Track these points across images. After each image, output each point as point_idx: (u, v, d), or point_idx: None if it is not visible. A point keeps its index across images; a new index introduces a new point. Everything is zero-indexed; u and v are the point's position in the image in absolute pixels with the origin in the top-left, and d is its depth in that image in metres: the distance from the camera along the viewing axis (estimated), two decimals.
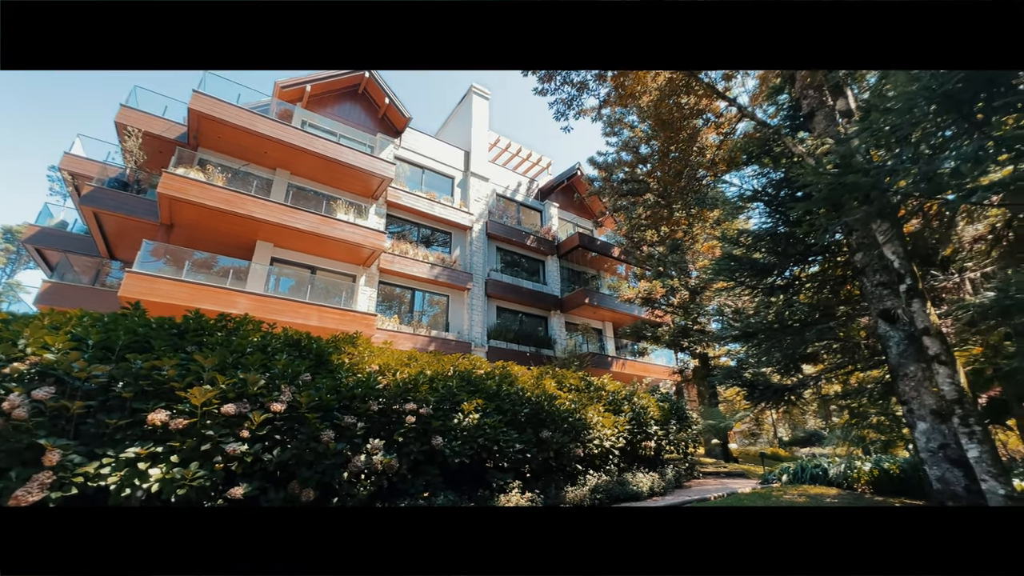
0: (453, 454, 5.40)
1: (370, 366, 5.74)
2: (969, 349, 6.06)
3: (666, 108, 8.46)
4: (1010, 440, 10.89)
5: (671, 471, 8.52)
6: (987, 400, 7.36)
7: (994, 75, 3.73)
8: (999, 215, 5.91)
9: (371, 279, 14.62)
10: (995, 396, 7.40)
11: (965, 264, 5.58)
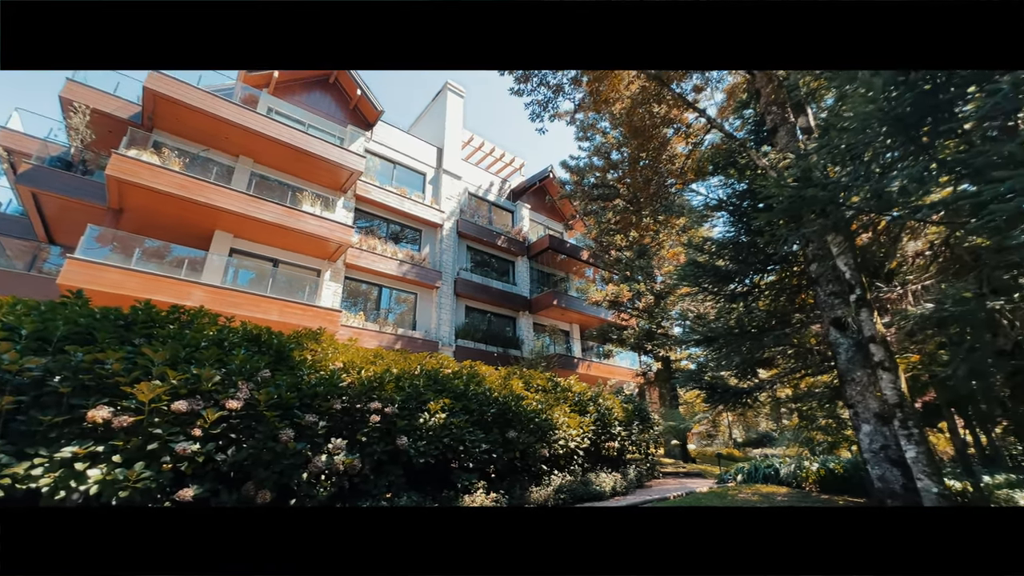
0: (418, 454, 5.31)
1: (334, 363, 5.58)
2: (909, 357, 6.50)
3: (638, 116, 8.65)
4: (939, 442, 11.75)
5: (633, 471, 8.70)
6: (922, 405, 7.92)
7: (939, 101, 4.01)
8: (938, 232, 6.37)
9: (337, 274, 14.23)
10: (929, 401, 7.98)
11: (907, 277, 5.97)
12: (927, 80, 3.99)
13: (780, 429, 25.55)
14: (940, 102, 4.09)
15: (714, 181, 7.64)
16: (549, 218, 23.51)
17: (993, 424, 9.24)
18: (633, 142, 10.62)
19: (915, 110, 3.71)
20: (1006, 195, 3.02)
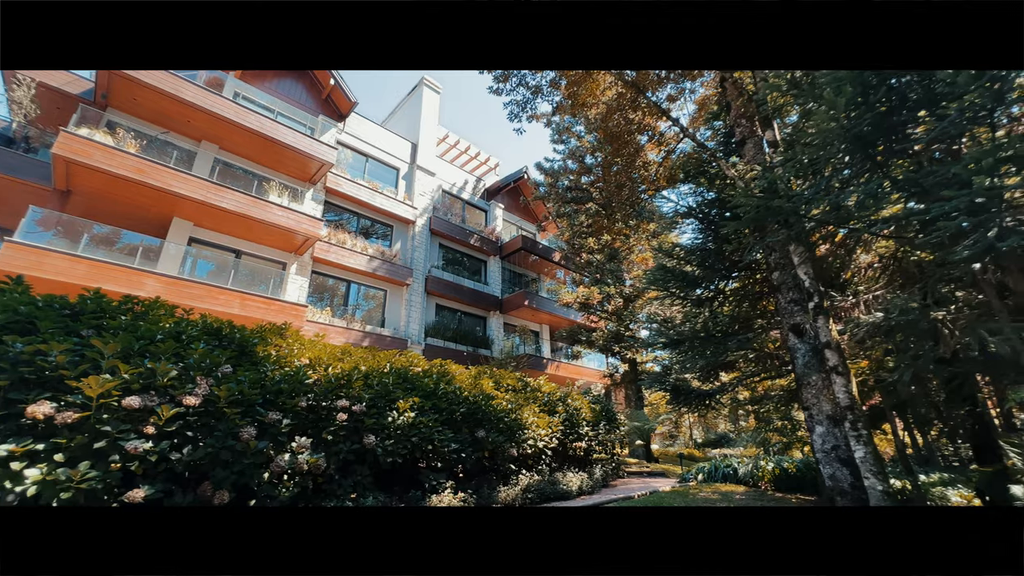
0: (386, 453, 5.22)
1: (300, 360, 5.41)
2: (859, 363, 6.89)
3: (614, 121, 8.80)
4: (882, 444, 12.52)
5: (599, 470, 8.84)
6: (868, 408, 8.41)
7: (893, 122, 4.27)
8: (887, 246, 6.79)
9: (303, 268, 13.80)
10: (874, 404, 8.48)
11: (859, 288, 6.33)
12: (883, 102, 4.24)
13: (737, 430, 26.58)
14: (894, 123, 4.36)
15: (684, 189, 7.87)
16: (522, 219, 23.58)
17: (929, 427, 9.93)
18: (608, 147, 10.81)
19: (873, 129, 3.94)
20: (951, 214, 3.25)
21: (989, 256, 3.34)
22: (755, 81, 6.38)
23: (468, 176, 21.66)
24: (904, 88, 4.26)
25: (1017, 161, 3.09)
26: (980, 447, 7.59)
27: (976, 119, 3.72)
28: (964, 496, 7.52)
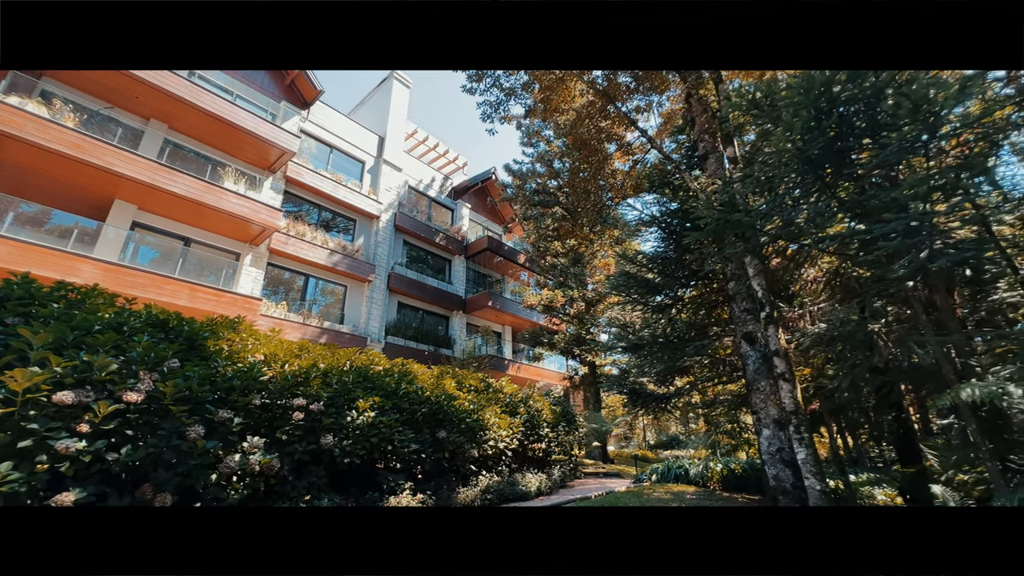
0: (343, 454, 5.07)
1: (254, 355, 5.17)
2: (802, 370, 7.35)
3: (584, 127, 8.97)
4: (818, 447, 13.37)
5: (558, 471, 8.96)
6: (808, 413, 8.98)
7: (840, 147, 4.60)
8: (830, 262, 7.29)
9: (259, 259, 13.19)
10: (813, 409, 9.07)
11: (805, 300, 6.76)
12: (833, 128, 4.56)
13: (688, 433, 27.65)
14: (841, 148, 4.69)
15: (649, 198, 8.13)
16: (489, 219, 23.57)
17: (858, 431, 10.72)
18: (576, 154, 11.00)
19: (823, 152, 4.23)
20: (890, 235, 3.53)
21: (921, 275, 3.66)
22: (719, 99, 6.70)
23: (436, 174, 21.42)
24: (851, 116, 4.59)
25: (946, 189, 3.40)
26: (903, 450, 8.26)
27: (913, 149, 4.07)
28: (888, 495, 8.17)
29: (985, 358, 5.03)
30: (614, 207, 12.85)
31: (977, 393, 3.29)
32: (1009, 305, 6.05)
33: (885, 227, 3.46)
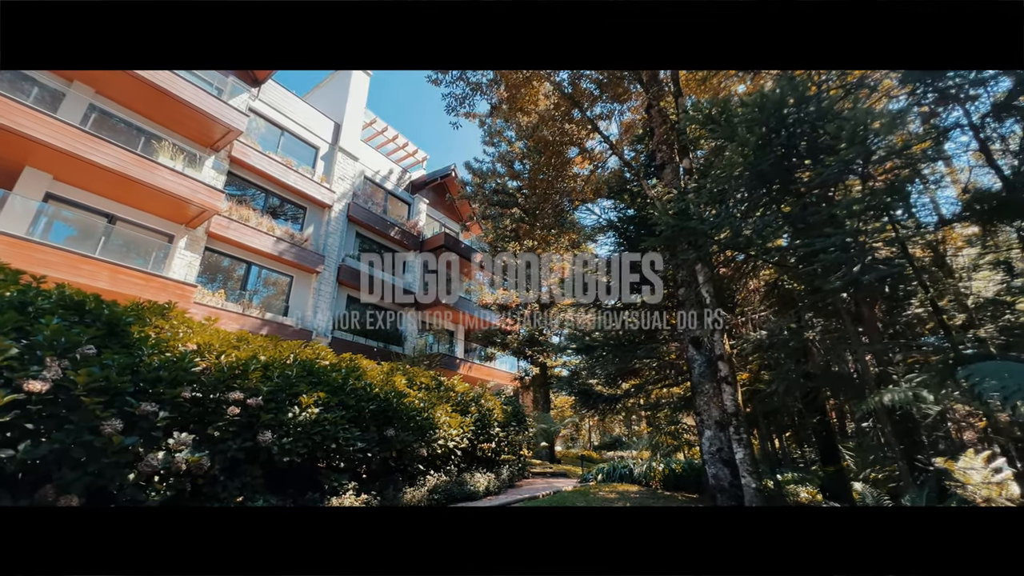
0: (282, 452, 4.77)
1: (186, 344, 4.75)
2: (740, 375, 7.77)
3: (548, 128, 9.03)
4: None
5: (506, 471, 8.93)
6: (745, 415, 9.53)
7: (785, 166, 4.90)
8: (769, 274, 7.77)
9: (195, 243, 12.23)
10: (748, 412, 9.64)
11: (746, 308, 7.16)
12: (781, 146, 4.85)
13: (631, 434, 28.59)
14: (786, 166, 5.00)
15: (607, 204, 8.31)
16: (447, 216, 23.25)
17: (784, 433, 11.53)
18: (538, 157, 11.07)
19: (772, 168, 4.49)
20: (829, 248, 3.79)
21: (854, 287, 3.96)
22: (678, 112, 6.96)
23: (394, 166, 20.86)
24: (796, 138, 4.91)
25: (878, 210, 3.70)
26: (824, 451, 8.95)
27: (849, 170, 4.41)
28: (810, 492, 8.81)
29: (900, 367, 5.54)
30: (572, 211, 13.05)
31: (897, 398, 3.59)
32: (920, 320, 6.69)
33: (825, 241, 3.71)
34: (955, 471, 4.99)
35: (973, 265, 6.34)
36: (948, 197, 7.95)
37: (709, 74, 7.27)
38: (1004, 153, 5.89)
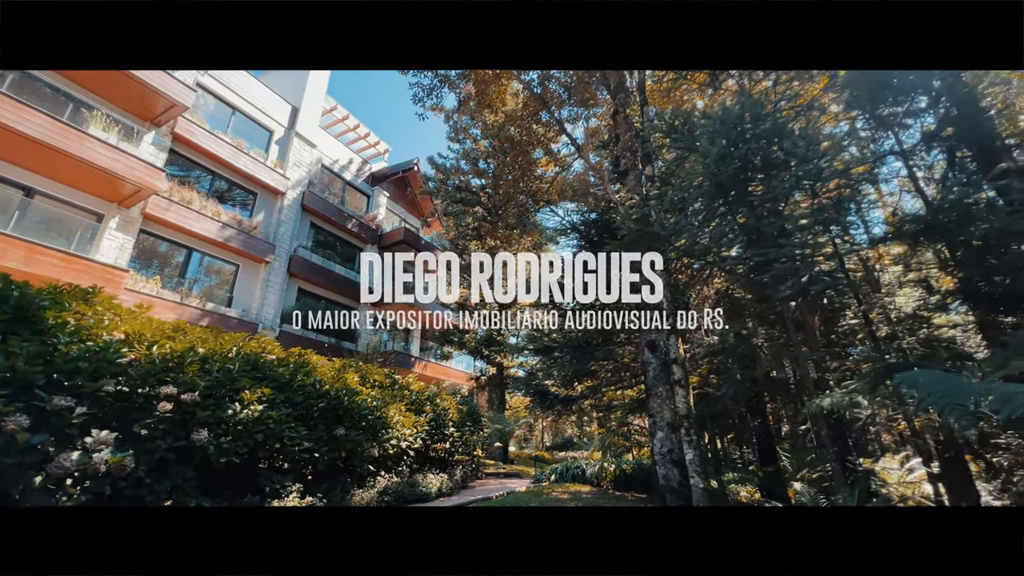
0: (220, 452, 4.43)
1: (112, 333, 4.32)
2: (691, 378, 8.06)
3: (517, 127, 9.01)
4: None
5: (460, 472, 8.81)
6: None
7: (742, 179, 5.11)
8: (721, 283, 8.12)
9: (129, 224, 11.25)
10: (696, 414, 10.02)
11: (700, 315, 7.43)
12: (739, 159, 5.05)
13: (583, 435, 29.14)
14: (742, 179, 5.22)
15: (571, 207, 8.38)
16: (407, 211, 22.76)
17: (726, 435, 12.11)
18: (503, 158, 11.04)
19: (730, 180, 4.67)
20: (781, 259, 3.98)
21: (801, 296, 4.18)
22: (643, 120, 7.14)
23: (354, 156, 20.16)
24: (752, 152, 5.13)
25: (826, 224, 3.92)
26: (764, 452, 9.45)
27: (800, 186, 4.66)
28: (749, 491, 9.27)
29: (835, 374, 5.93)
30: (535, 212, 13.11)
31: (835, 402, 3.82)
32: (852, 331, 7.19)
33: (778, 251, 3.89)
34: (879, 471, 5.39)
35: (899, 282, 6.90)
36: (877, 218, 8.61)
37: (673, 85, 7.51)
38: (928, 181, 6.44)
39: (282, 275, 15.11)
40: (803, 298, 4.28)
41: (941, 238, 5.36)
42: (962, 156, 5.82)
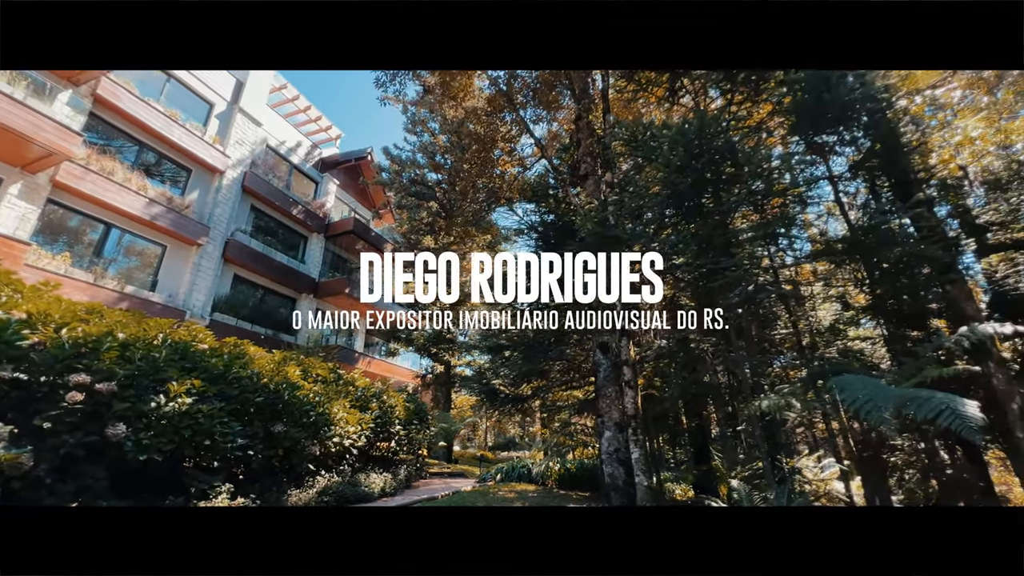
0: (139, 449, 4.00)
1: (11, 312, 3.77)
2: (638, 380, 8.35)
3: (478, 125, 8.92)
4: None
5: (404, 471, 8.56)
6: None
7: (701, 190, 5.37)
8: (668, 291, 8.49)
9: (34, 192, 9.95)
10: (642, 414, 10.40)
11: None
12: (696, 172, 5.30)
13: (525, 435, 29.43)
14: (698, 191, 5.48)
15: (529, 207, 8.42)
16: (358, 201, 21.93)
17: (662, 435, 12.71)
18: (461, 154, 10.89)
19: (689, 190, 4.88)
20: (731, 267, 4.21)
21: (747, 304, 4.44)
22: (604, 127, 7.31)
23: (303, 139, 19.13)
24: (707, 166, 5.40)
25: (773, 237, 4.20)
26: (699, 451, 9.98)
27: (747, 201, 4.97)
28: (683, 490, 9.76)
29: (768, 379, 6.38)
30: (491, 211, 13.05)
31: (772, 404, 4.09)
32: (782, 340, 7.76)
33: (730, 260, 4.10)
34: (802, 469, 5.84)
35: (821, 297, 7.54)
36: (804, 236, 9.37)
37: (633, 97, 7.76)
38: (851, 206, 7.10)
39: (216, 260, 14.02)
40: (747, 307, 4.56)
41: (860, 259, 5.91)
42: (882, 186, 6.46)
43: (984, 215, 6.78)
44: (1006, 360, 5.40)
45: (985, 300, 6.22)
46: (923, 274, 5.64)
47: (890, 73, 5.35)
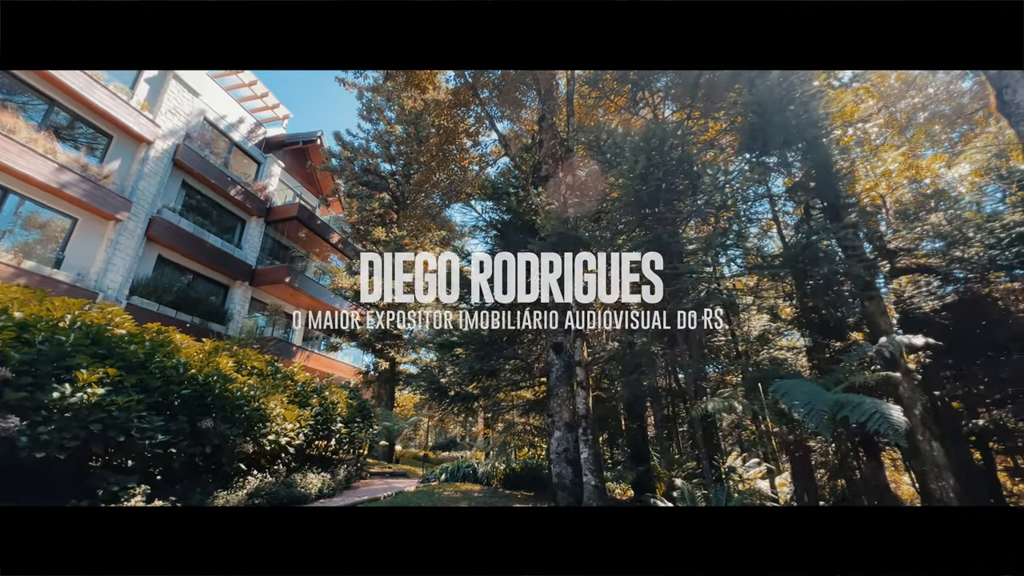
0: (36, 445, 3.49)
1: None
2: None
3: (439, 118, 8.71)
4: None
5: (343, 471, 8.16)
6: None
7: (659, 197, 5.56)
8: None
9: None
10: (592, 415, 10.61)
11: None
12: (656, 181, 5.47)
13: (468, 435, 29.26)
14: (655, 199, 5.67)
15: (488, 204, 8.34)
16: (304, 186, 20.79)
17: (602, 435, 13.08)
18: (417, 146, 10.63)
19: (649, 197, 5.03)
20: (689, 273, 4.38)
21: (702, 309, 4.63)
22: (568, 130, 7.39)
23: (247, 115, 17.84)
24: (667, 175, 5.60)
25: (725, 247, 4.41)
26: (637, 452, 10.34)
27: (701, 213, 5.20)
28: (623, 488, 10.07)
29: (709, 383, 6.74)
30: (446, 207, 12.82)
31: (716, 406, 4.30)
32: (720, 346, 8.21)
33: (687, 266, 4.26)
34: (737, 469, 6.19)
35: (754, 308, 8.08)
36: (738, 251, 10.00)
37: (596, 103, 7.92)
38: (786, 225, 7.66)
39: (137, 237, 12.70)
40: (697, 312, 4.77)
41: (791, 274, 6.36)
42: (814, 207, 7.01)
43: (894, 241, 7.57)
44: (911, 370, 6.04)
45: (897, 316, 6.91)
46: (846, 290, 6.18)
47: (830, 103, 5.81)
